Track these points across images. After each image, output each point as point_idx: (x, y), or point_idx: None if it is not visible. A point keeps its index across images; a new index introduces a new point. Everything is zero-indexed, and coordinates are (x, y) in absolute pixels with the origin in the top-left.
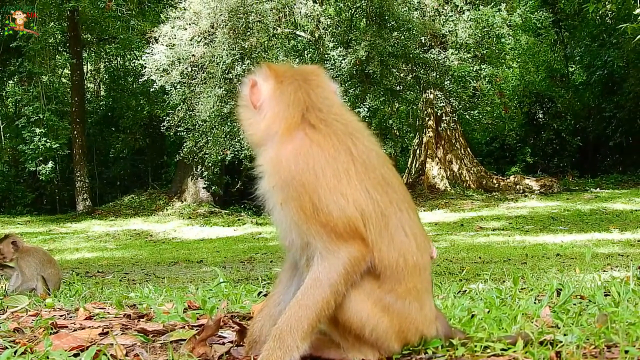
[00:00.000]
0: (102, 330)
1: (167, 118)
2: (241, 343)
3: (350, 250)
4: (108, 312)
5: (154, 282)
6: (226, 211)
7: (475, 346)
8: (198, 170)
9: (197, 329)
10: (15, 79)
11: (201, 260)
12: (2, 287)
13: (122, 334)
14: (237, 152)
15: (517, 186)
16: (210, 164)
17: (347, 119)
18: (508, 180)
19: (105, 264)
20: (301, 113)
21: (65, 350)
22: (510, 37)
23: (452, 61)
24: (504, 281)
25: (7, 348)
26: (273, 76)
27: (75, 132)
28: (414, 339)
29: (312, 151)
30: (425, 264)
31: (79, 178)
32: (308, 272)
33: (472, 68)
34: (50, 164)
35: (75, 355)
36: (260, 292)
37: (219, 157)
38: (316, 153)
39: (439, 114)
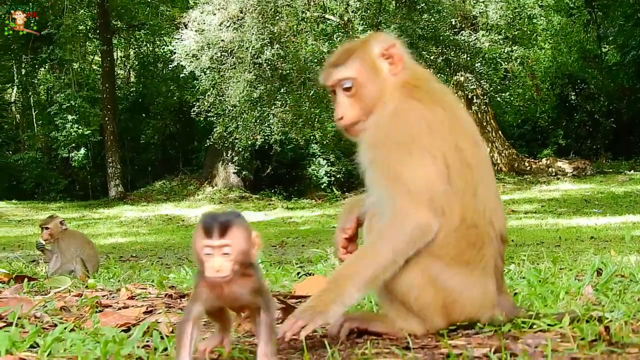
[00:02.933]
0: (146, 308)
1: (197, 103)
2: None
3: (421, 218)
4: (149, 292)
5: (187, 266)
6: (257, 196)
7: (523, 322)
8: (228, 155)
9: None
10: (46, 67)
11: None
12: (42, 269)
13: (166, 312)
14: (267, 137)
15: (550, 169)
16: (240, 149)
17: (445, 91)
18: (540, 163)
19: (138, 249)
20: (417, 82)
21: (113, 327)
22: (542, 18)
23: (483, 43)
24: (538, 263)
25: (56, 325)
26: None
27: (106, 119)
28: (459, 318)
29: (409, 109)
30: (492, 238)
31: (110, 164)
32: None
33: (503, 50)
34: (82, 151)
35: (124, 331)
36: (299, 273)
37: (249, 142)
38: (413, 110)
39: (469, 97)
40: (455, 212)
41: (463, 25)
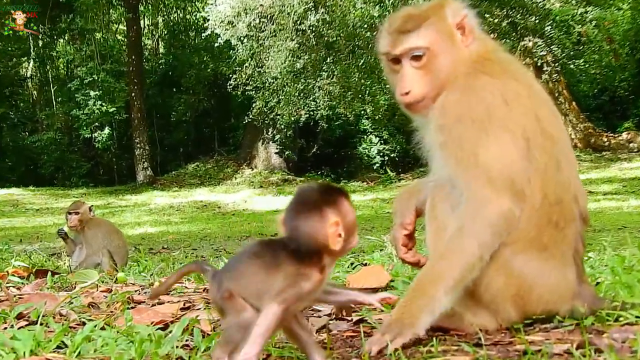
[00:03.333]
0: (184, 304)
1: (234, 76)
2: (340, 315)
3: (503, 206)
4: (186, 287)
5: (226, 258)
6: (301, 178)
7: (608, 315)
8: (269, 133)
9: None
10: (66, 37)
11: (276, 234)
12: (65, 263)
13: (206, 308)
14: (312, 112)
15: (631, 144)
16: (282, 126)
17: (515, 63)
18: (620, 138)
19: (170, 239)
20: (488, 54)
21: (148, 325)
22: None
23: (553, 3)
24: (621, 250)
25: (84, 323)
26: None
27: (132, 94)
28: (535, 310)
29: (483, 85)
30: (575, 217)
31: (138, 145)
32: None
33: (576, 11)
34: (106, 130)
35: (161, 329)
36: (353, 263)
37: (292, 118)
38: (487, 86)
39: (539, 64)
40: (536, 190)
41: None
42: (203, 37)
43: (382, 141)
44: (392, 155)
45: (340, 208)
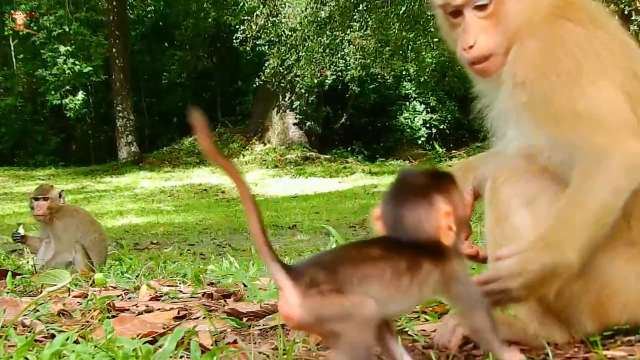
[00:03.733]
0: (178, 312)
1: (242, 27)
2: None
3: (630, 147)
4: (181, 291)
5: (231, 256)
6: (327, 156)
7: None
8: (286, 99)
9: None
10: None
11: (294, 225)
12: (28, 261)
13: (206, 317)
14: (340, 73)
15: None
16: (303, 91)
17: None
18: None
19: (161, 232)
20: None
21: (133, 337)
22: None
23: None
24: None
25: (54, 336)
26: None
27: (113, 50)
28: (619, 320)
29: (568, 35)
30: None
31: (120, 114)
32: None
33: None
34: (80, 95)
35: (149, 343)
36: None
37: (315, 81)
38: (573, 36)
39: (626, 12)
40: None
41: None
42: None
43: (428, 109)
44: (441, 127)
45: (451, 196)
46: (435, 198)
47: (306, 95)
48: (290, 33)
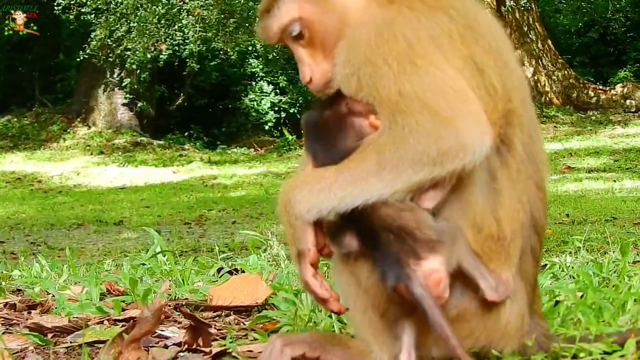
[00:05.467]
0: None
1: None
2: (194, 345)
3: (451, 135)
4: None
5: (45, 256)
6: (160, 142)
7: (563, 349)
8: (115, 76)
9: (123, 325)
10: None
11: (121, 221)
12: None
13: (5, 333)
14: (177, 47)
15: (627, 101)
16: (134, 67)
17: None
18: (613, 92)
19: None
20: None
21: None
22: None
23: None
24: (605, 252)
25: None
26: None
27: None
28: (471, 346)
29: (400, 17)
30: (519, 227)
31: None
32: None
33: None
34: None
35: None
36: (221, 268)
37: (149, 56)
38: (405, 18)
39: None
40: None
41: None
42: None
43: (277, 90)
44: (291, 110)
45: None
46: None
47: (138, 71)
48: (120, 0)
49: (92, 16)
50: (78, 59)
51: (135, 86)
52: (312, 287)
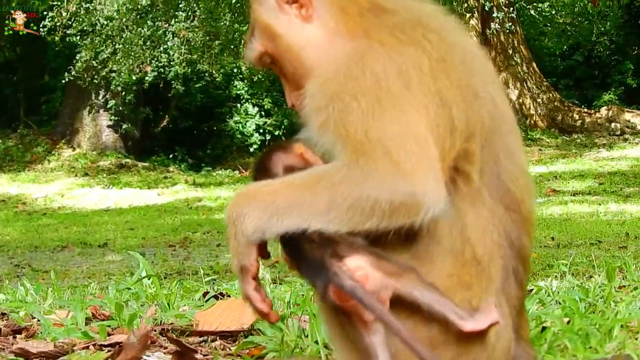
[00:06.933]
0: None
1: (50, 14)
2: None
3: (415, 184)
4: None
5: (30, 278)
6: (145, 164)
7: None
8: (100, 98)
9: (109, 350)
10: None
11: (105, 244)
12: None
13: None
14: (162, 69)
15: (613, 124)
16: (119, 88)
17: (421, 9)
18: (598, 115)
19: None
20: (359, 14)
21: None
22: None
23: None
24: (591, 276)
25: None
26: None
27: None
28: None
29: (370, 52)
30: (501, 250)
31: None
32: None
33: None
34: None
35: None
36: (207, 293)
37: (134, 77)
38: (375, 53)
39: (487, 8)
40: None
41: None
42: None
43: (262, 112)
44: (276, 132)
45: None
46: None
47: (123, 93)
48: (105, 22)
49: (78, 38)
50: (63, 81)
51: (120, 108)
52: (253, 301)
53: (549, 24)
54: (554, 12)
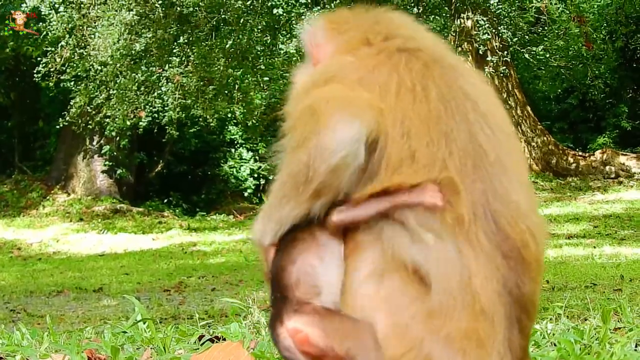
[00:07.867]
0: None
1: (44, 60)
2: None
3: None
4: None
5: (25, 323)
6: (139, 209)
7: None
8: (94, 143)
9: None
10: None
11: (100, 288)
12: None
13: None
14: (156, 114)
15: (607, 167)
16: (113, 134)
17: (416, 36)
18: (592, 158)
19: None
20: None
21: None
22: None
23: None
24: (586, 318)
25: None
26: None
27: None
28: None
29: (348, 65)
30: (500, 293)
31: None
32: None
33: None
34: None
35: None
36: (202, 336)
37: (128, 123)
38: (351, 65)
39: (481, 52)
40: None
41: None
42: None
43: (256, 157)
44: (270, 177)
45: None
46: None
47: (117, 139)
48: (100, 67)
49: (72, 83)
50: (57, 126)
51: (115, 153)
52: None
53: (543, 68)
54: (548, 56)
